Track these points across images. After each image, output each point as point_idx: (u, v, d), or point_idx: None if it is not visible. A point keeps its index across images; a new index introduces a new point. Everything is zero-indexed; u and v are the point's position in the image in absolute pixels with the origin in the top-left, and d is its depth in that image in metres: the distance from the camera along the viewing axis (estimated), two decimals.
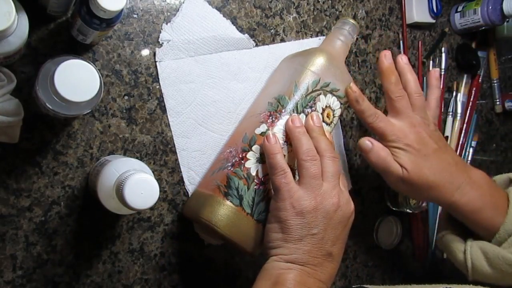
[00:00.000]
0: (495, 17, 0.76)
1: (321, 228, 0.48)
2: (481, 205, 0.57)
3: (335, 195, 0.50)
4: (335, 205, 0.49)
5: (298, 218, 0.48)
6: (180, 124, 0.56)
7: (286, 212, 0.48)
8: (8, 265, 0.47)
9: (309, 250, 0.48)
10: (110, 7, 0.41)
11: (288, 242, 0.48)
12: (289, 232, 0.48)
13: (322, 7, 0.68)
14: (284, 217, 0.48)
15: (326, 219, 0.49)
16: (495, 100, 0.89)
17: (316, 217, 0.48)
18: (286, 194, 0.49)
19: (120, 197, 0.41)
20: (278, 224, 0.49)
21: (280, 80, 0.58)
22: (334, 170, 0.51)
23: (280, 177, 0.49)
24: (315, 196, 0.49)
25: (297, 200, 0.48)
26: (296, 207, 0.48)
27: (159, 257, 0.55)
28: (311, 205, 0.48)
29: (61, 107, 0.41)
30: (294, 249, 0.48)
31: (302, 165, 0.50)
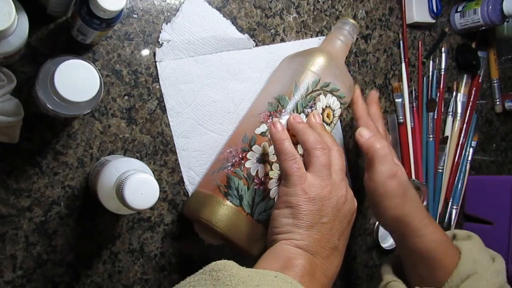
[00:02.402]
0: (495, 17, 0.76)
1: (330, 218, 0.47)
2: (439, 245, 0.56)
3: (344, 188, 0.49)
4: (344, 197, 0.49)
5: (310, 204, 0.47)
6: (180, 124, 0.56)
7: (297, 197, 0.47)
8: (8, 265, 0.47)
9: (319, 239, 0.46)
10: (110, 7, 0.41)
11: (300, 228, 0.46)
12: (301, 217, 0.46)
13: (322, 7, 0.68)
14: (295, 202, 0.47)
15: (335, 210, 0.48)
16: (495, 100, 0.89)
17: (326, 205, 0.47)
18: (297, 180, 0.47)
19: (120, 197, 0.41)
20: (288, 210, 0.47)
21: (280, 80, 0.58)
22: (341, 164, 0.51)
23: (290, 162, 0.48)
24: (326, 184, 0.48)
25: (309, 186, 0.47)
26: (308, 193, 0.47)
27: (159, 257, 0.55)
28: (323, 193, 0.47)
29: (61, 107, 0.41)
30: (306, 236, 0.46)
31: (312, 153, 0.49)
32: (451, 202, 0.83)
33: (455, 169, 0.83)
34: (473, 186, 0.84)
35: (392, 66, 0.76)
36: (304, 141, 0.50)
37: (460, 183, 0.83)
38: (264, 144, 0.53)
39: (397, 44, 0.76)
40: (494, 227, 0.79)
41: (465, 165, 0.84)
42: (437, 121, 0.80)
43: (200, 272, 0.40)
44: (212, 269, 0.39)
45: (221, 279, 0.38)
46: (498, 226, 0.78)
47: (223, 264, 0.39)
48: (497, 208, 0.79)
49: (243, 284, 0.37)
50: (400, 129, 0.76)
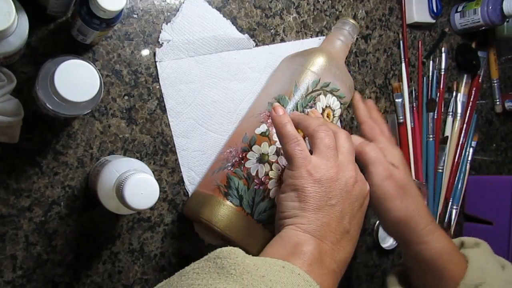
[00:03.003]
0: (495, 17, 0.77)
1: (339, 200, 0.45)
2: (444, 253, 0.53)
3: (352, 169, 0.47)
4: (353, 178, 0.47)
5: (316, 185, 0.45)
6: (180, 124, 0.56)
7: (303, 179, 0.45)
8: (8, 265, 0.47)
9: (328, 223, 0.44)
10: (110, 7, 0.41)
11: (306, 211, 0.44)
12: (307, 200, 0.44)
13: (322, 7, 0.68)
14: (301, 185, 0.45)
15: (344, 192, 0.46)
16: (495, 100, 0.89)
17: (334, 187, 0.45)
18: (301, 161, 0.46)
19: (120, 197, 0.41)
20: (294, 193, 0.45)
21: (280, 80, 0.58)
22: (350, 146, 0.49)
23: (293, 144, 0.47)
24: (332, 165, 0.46)
25: (314, 168, 0.45)
26: (313, 174, 0.45)
27: (159, 257, 0.55)
28: (329, 174, 0.45)
29: (61, 107, 0.41)
30: (313, 219, 0.44)
31: (315, 135, 0.48)
32: (451, 202, 0.83)
33: (455, 169, 0.83)
34: (473, 186, 0.84)
35: (392, 66, 0.76)
36: (307, 126, 0.49)
37: (460, 183, 0.83)
38: (264, 144, 0.53)
39: (397, 44, 0.76)
40: (494, 227, 0.79)
41: (465, 165, 0.84)
42: (437, 121, 0.80)
43: (205, 258, 0.39)
44: (217, 256, 0.38)
45: (226, 267, 0.37)
46: (498, 226, 0.78)
47: (228, 251, 0.38)
48: (497, 208, 0.79)
49: (248, 273, 0.36)
50: (400, 129, 0.76)
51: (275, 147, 0.53)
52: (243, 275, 0.36)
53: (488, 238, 0.80)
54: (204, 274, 0.37)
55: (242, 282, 0.35)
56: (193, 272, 0.38)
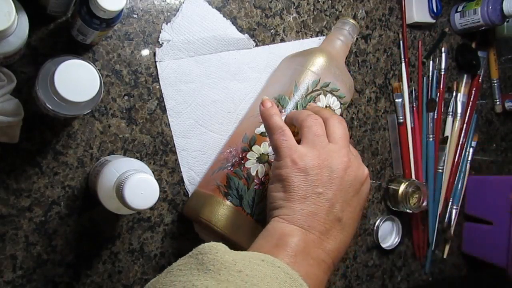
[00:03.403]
0: (495, 17, 0.76)
1: (327, 188, 0.44)
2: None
3: (345, 155, 0.45)
4: (344, 164, 0.45)
5: (301, 174, 0.44)
6: (180, 124, 0.56)
7: (287, 169, 0.44)
8: (8, 265, 0.47)
9: (314, 211, 0.43)
10: (110, 7, 0.41)
11: (291, 201, 0.43)
12: (292, 190, 0.44)
13: (322, 7, 0.68)
14: (285, 174, 0.44)
15: (334, 179, 0.44)
16: (495, 100, 0.89)
17: (321, 174, 0.44)
18: (286, 151, 0.45)
19: (120, 197, 0.41)
20: (279, 183, 0.45)
21: (280, 80, 0.58)
22: (342, 132, 0.47)
23: (278, 135, 0.46)
24: (319, 154, 0.45)
25: (299, 157, 0.44)
26: (298, 163, 0.44)
27: (159, 257, 0.55)
28: (315, 162, 0.44)
29: (61, 107, 0.41)
30: (298, 209, 0.43)
31: (303, 125, 0.47)
32: (451, 202, 0.83)
33: (455, 169, 0.83)
34: (473, 186, 0.84)
35: (392, 66, 0.76)
36: (297, 118, 0.48)
37: (460, 183, 0.83)
38: (264, 144, 0.53)
39: (397, 44, 0.76)
40: (494, 227, 0.79)
41: (465, 165, 0.84)
42: (437, 121, 0.80)
43: (188, 254, 0.39)
44: (199, 252, 0.38)
45: (205, 263, 0.36)
46: (498, 226, 0.78)
47: (209, 247, 0.38)
48: (497, 208, 0.79)
49: (225, 269, 0.35)
50: (400, 129, 0.76)
51: None
52: (221, 270, 0.36)
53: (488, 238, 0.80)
54: (186, 271, 0.37)
55: (218, 277, 0.35)
56: (177, 268, 0.38)
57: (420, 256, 0.79)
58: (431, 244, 0.80)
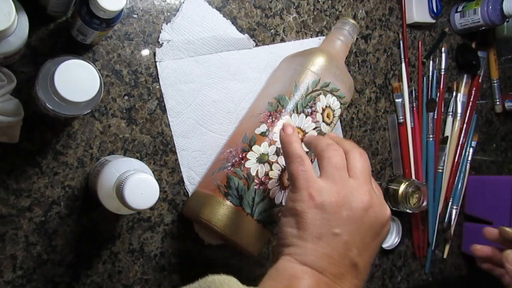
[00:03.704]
0: (495, 17, 0.76)
1: (345, 229, 0.40)
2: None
3: (366, 193, 0.41)
4: (365, 203, 0.41)
5: (318, 211, 0.40)
6: (180, 124, 0.56)
7: (303, 203, 0.41)
8: (8, 265, 0.47)
9: (329, 254, 0.39)
10: (110, 7, 0.41)
11: (305, 241, 0.40)
12: (306, 228, 0.40)
13: (322, 7, 0.68)
14: (300, 209, 0.41)
15: (353, 219, 0.40)
16: (495, 100, 0.89)
17: (339, 213, 0.40)
18: (303, 183, 0.42)
19: (120, 197, 0.41)
20: (293, 218, 0.41)
21: (280, 80, 0.58)
22: (363, 166, 0.43)
23: (296, 164, 0.43)
24: (338, 189, 0.41)
25: (316, 191, 0.41)
26: (315, 198, 0.40)
27: (159, 257, 0.55)
28: (334, 199, 0.40)
29: (61, 107, 0.41)
30: (311, 250, 0.39)
31: (322, 155, 0.43)
32: (451, 202, 0.83)
33: (455, 169, 0.83)
34: (473, 186, 0.84)
35: (392, 66, 0.76)
36: (316, 146, 0.45)
37: (460, 183, 0.83)
38: (264, 144, 0.53)
39: (397, 44, 0.76)
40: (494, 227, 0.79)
41: (465, 165, 0.84)
42: (437, 121, 0.80)
43: (196, 285, 0.36)
44: (209, 285, 0.35)
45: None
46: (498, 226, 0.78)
47: (221, 281, 0.35)
48: (497, 208, 0.79)
49: None
50: (400, 129, 0.76)
51: (275, 147, 0.53)
52: None
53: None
54: None
55: None
56: None
57: (420, 256, 0.79)
58: (431, 244, 0.80)
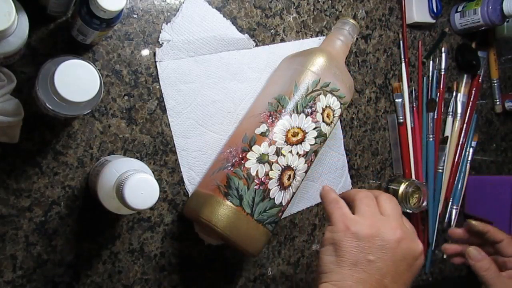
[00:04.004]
0: (495, 17, 0.76)
1: (379, 257, 0.44)
2: None
3: (397, 226, 0.46)
4: (397, 235, 0.45)
5: (353, 240, 0.44)
6: (180, 124, 0.56)
7: (339, 233, 0.45)
8: (8, 265, 0.47)
9: (365, 279, 0.43)
10: (110, 7, 0.41)
11: (342, 267, 0.44)
12: (343, 255, 0.44)
13: (322, 7, 0.68)
14: (337, 238, 0.45)
15: (386, 249, 0.44)
16: (495, 100, 0.89)
17: (373, 242, 0.44)
18: (339, 217, 0.47)
19: (120, 197, 0.40)
20: (331, 247, 0.45)
21: (280, 80, 0.58)
22: (393, 206, 0.48)
23: (333, 204, 0.49)
24: (371, 223, 0.45)
25: (351, 222, 0.46)
26: (350, 228, 0.45)
27: (159, 257, 0.55)
28: (368, 230, 0.45)
29: (61, 107, 0.41)
30: (349, 276, 0.43)
31: (355, 199, 0.49)
32: (451, 202, 0.83)
33: (455, 169, 0.83)
34: (473, 186, 0.84)
35: (392, 66, 0.76)
36: (349, 196, 0.50)
37: (460, 183, 0.83)
38: (264, 144, 0.53)
39: (397, 44, 0.76)
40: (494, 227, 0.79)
41: (465, 165, 0.84)
42: (437, 121, 0.80)
43: None
44: None
45: None
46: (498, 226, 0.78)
47: None
48: (497, 208, 0.79)
49: None
50: (400, 129, 0.76)
51: (275, 147, 0.53)
52: None
53: None
54: None
55: None
56: None
57: None
58: (431, 244, 0.80)
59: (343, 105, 0.58)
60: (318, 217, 0.68)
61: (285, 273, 0.65)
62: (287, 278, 0.65)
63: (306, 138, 0.55)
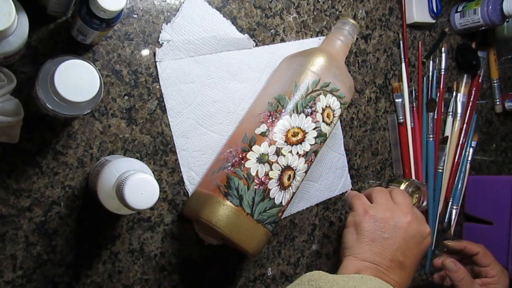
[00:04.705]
0: (495, 17, 0.77)
1: (392, 235, 0.54)
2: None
3: (408, 213, 0.56)
4: (408, 218, 0.56)
5: (371, 221, 0.55)
6: (180, 124, 0.56)
7: (360, 216, 0.57)
8: (8, 265, 0.47)
9: (381, 252, 0.53)
10: (110, 7, 0.41)
11: (362, 243, 0.54)
12: (363, 233, 0.55)
13: (322, 7, 0.68)
14: (358, 220, 0.56)
15: (398, 229, 0.55)
16: (495, 100, 0.89)
17: (388, 223, 0.55)
18: (360, 205, 0.58)
19: (120, 197, 0.40)
20: (353, 227, 0.57)
21: (280, 80, 0.58)
22: (405, 198, 0.59)
23: (355, 197, 0.61)
24: (386, 208, 0.57)
25: (370, 208, 0.57)
26: (368, 212, 0.56)
27: (159, 257, 0.55)
28: (383, 214, 0.56)
29: (61, 107, 0.41)
30: (367, 249, 0.54)
31: (372, 193, 0.61)
32: (451, 202, 0.83)
33: (455, 169, 0.83)
34: (473, 186, 0.84)
35: (392, 66, 0.76)
36: (367, 192, 0.62)
37: (460, 183, 0.83)
38: (264, 144, 0.53)
39: (397, 44, 0.76)
40: (494, 227, 0.79)
41: (465, 165, 0.84)
42: (437, 121, 0.80)
43: (297, 282, 0.48)
44: (310, 279, 0.47)
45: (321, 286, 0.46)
46: (498, 226, 0.78)
47: (317, 274, 0.48)
48: (497, 208, 0.79)
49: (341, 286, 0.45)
50: (400, 129, 0.76)
51: (275, 147, 0.53)
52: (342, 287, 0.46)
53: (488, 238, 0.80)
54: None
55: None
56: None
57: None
58: (431, 244, 0.80)
59: (343, 105, 0.58)
60: (318, 217, 0.68)
61: (285, 273, 0.65)
62: (287, 278, 0.65)
63: (306, 138, 0.55)
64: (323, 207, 0.68)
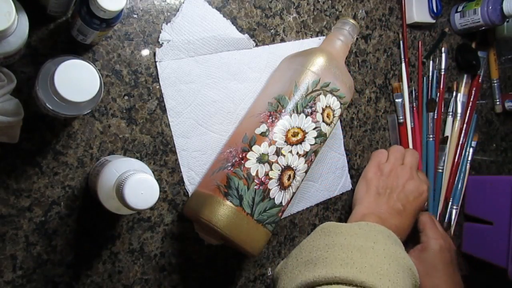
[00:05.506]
0: (495, 17, 0.77)
1: (394, 190, 0.64)
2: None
3: (408, 171, 0.66)
4: (409, 176, 0.66)
5: (379, 177, 0.66)
6: (180, 124, 0.56)
7: (371, 172, 0.67)
8: (8, 265, 0.47)
9: (385, 203, 0.63)
10: (110, 7, 0.41)
11: (370, 196, 0.65)
12: (371, 188, 0.65)
13: (322, 7, 0.68)
14: (369, 176, 0.67)
15: (399, 185, 0.65)
16: (495, 100, 0.89)
17: (391, 180, 0.65)
18: (375, 161, 0.68)
19: (120, 197, 0.40)
20: (364, 181, 0.67)
21: (280, 80, 0.58)
22: (412, 160, 0.68)
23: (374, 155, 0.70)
24: (392, 167, 0.67)
25: (380, 165, 0.67)
26: (379, 170, 0.67)
27: (159, 257, 0.55)
28: (389, 170, 0.66)
29: (61, 107, 0.41)
30: (373, 201, 0.64)
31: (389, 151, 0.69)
32: (451, 202, 0.83)
33: (455, 169, 0.83)
34: (473, 186, 0.84)
35: (392, 66, 0.76)
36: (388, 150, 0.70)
37: (460, 183, 0.83)
38: (264, 144, 0.53)
39: (397, 44, 0.76)
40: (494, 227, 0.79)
41: (465, 165, 0.84)
42: (437, 121, 0.80)
43: (312, 233, 0.57)
44: (322, 228, 0.57)
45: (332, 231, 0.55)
46: (498, 226, 0.78)
47: (328, 224, 0.57)
48: (497, 208, 0.79)
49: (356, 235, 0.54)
50: (400, 129, 0.76)
51: (275, 147, 0.53)
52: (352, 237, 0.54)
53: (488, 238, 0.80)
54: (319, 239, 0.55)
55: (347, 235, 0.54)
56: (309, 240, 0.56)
57: None
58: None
59: (343, 105, 0.58)
60: (318, 217, 0.68)
61: None
62: None
63: (306, 138, 0.55)
64: (323, 207, 0.68)
